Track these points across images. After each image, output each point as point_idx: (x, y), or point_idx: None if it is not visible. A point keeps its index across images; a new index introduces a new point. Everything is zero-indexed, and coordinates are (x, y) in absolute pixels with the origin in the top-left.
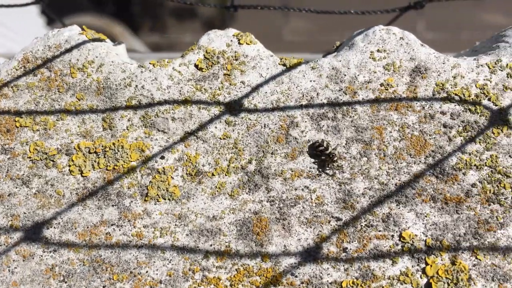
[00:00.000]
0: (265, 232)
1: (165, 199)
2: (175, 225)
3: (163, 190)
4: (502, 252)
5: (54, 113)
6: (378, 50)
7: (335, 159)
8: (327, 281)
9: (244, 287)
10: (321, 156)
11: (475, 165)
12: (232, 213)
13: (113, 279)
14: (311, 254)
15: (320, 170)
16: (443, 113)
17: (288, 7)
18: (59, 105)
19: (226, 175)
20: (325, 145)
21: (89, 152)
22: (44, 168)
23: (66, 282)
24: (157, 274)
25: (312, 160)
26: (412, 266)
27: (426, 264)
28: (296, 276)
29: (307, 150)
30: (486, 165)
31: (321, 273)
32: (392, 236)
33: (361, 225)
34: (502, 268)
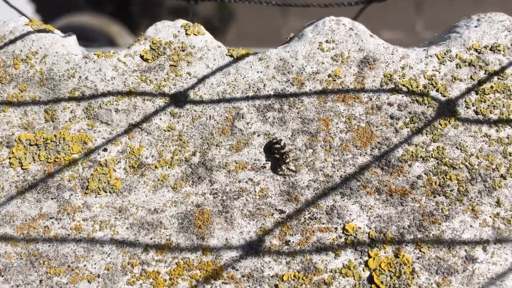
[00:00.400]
0: (207, 225)
1: (106, 192)
2: (115, 218)
3: (104, 182)
4: (446, 245)
5: None
6: (327, 41)
7: (287, 161)
8: (268, 274)
9: (184, 281)
10: (276, 154)
11: (421, 156)
12: (174, 206)
13: (50, 273)
14: (253, 247)
15: (273, 169)
16: (390, 104)
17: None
18: (1, 96)
19: (169, 167)
20: (282, 144)
21: (30, 144)
22: None
23: (2, 276)
24: (95, 268)
25: (260, 152)
26: (355, 259)
27: (369, 257)
28: (237, 270)
29: (264, 144)
30: (432, 157)
31: (262, 266)
32: (336, 228)
33: (305, 218)
34: (447, 261)
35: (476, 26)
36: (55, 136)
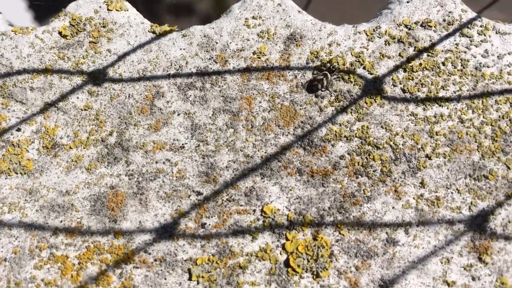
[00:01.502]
0: (120, 208)
1: (16, 173)
2: (25, 200)
3: (15, 163)
4: (367, 227)
5: None
6: (253, 17)
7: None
8: (182, 258)
9: (93, 265)
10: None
11: (345, 136)
12: (87, 187)
13: None
14: (167, 230)
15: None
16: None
17: None
18: None
19: (84, 148)
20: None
21: None
22: None
23: None
24: (2, 251)
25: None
26: (272, 242)
27: (287, 239)
28: (149, 253)
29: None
30: (356, 136)
31: (176, 249)
32: (254, 210)
33: (223, 200)
34: (367, 244)
35: (408, 2)
36: None
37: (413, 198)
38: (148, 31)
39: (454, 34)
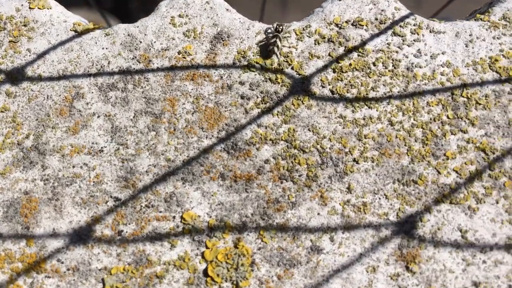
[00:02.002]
0: (34, 214)
1: None
2: None
3: None
4: (291, 234)
5: None
6: (180, 15)
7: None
8: (96, 267)
9: (4, 274)
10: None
11: (270, 139)
12: (0, 193)
13: None
14: (82, 238)
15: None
16: (241, 83)
17: None
18: None
19: None
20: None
21: None
22: None
23: None
24: None
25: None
26: (192, 250)
27: (206, 247)
28: (62, 262)
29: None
30: (282, 140)
31: (90, 258)
32: (174, 217)
33: (141, 206)
34: (290, 252)
35: (340, 0)
36: None
37: (339, 204)
38: (70, 30)
39: (386, 33)
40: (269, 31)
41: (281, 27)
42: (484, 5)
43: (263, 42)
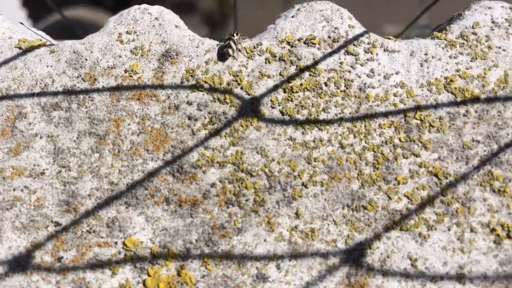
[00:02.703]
0: None
1: None
2: None
3: None
4: (236, 261)
5: None
6: (127, 32)
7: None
8: None
9: None
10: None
11: (217, 162)
12: None
13: None
14: (21, 264)
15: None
16: (189, 103)
17: None
18: None
19: None
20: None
21: None
22: None
23: None
24: None
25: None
26: (133, 278)
27: (148, 275)
28: None
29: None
30: (229, 162)
31: (29, 286)
32: (116, 243)
33: (83, 231)
34: (234, 280)
35: (293, 16)
36: None
37: (287, 230)
38: (15, 47)
39: (339, 52)
40: (225, 37)
41: (235, 32)
42: (444, 21)
43: (219, 47)
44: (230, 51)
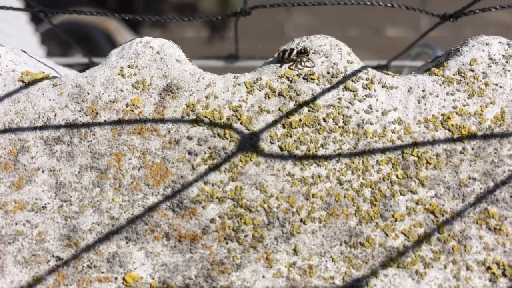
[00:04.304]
0: None
1: None
2: None
3: None
4: None
5: None
6: (129, 66)
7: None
8: None
9: None
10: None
11: (217, 197)
12: None
13: None
14: None
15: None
16: (189, 138)
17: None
18: None
19: None
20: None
21: None
22: None
23: None
24: None
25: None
26: None
27: None
28: None
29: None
30: (229, 198)
31: None
32: (116, 278)
33: (83, 266)
34: None
35: None
36: None
37: (285, 266)
38: (18, 80)
39: (338, 87)
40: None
41: (305, 49)
42: (442, 54)
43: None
44: (286, 54)
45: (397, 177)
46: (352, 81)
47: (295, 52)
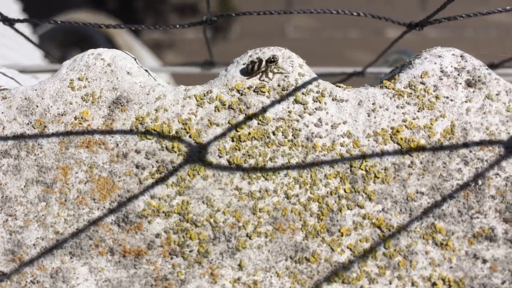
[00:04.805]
0: None
1: None
2: None
3: None
4: None
5: None
6: (79, 78)
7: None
8: None
9: None
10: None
11: (163, 212)
12: None
13: None
14: None
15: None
16: (137, 151)
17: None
18: None
19: None
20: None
21: None
22: None
23: None
24: None
25: None
26: None
27: None
28: None
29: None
30: (175, 212)
31: None
32: None
33: (27, 281)
34: None
35: (244, 64)
36: None
37: (230, 281)
38: None
39: (288, 100)
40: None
41: (274, 58)
42: (397, 67)
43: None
44: (256, 66)
45: (345, 191)
46: (303, 94)
47: (264, 62)
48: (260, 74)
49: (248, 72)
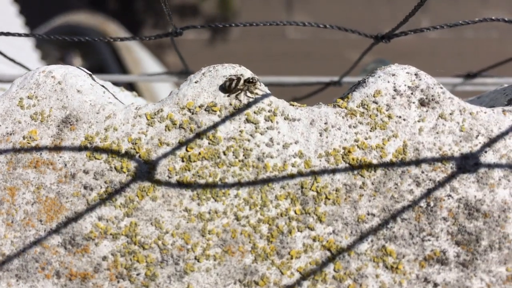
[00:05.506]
0: None
1: None
2: None
3: None
4: None
5: None
6: (29, 97)
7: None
8: None
9: None
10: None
11: (111, 234)
12: None
13: None
14: None
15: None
16: (86, 172)
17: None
18: None
19: None
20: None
21: None
22: None
23: None
24: None
25: None
26: None
27: None
28: None
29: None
30: (123, 234)
31: None
32: None
33: None
34: None
35: (196, 82)
36: None
37: None
38: None
39: (240, 119)
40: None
41: (253, 79)
42: (351, 87)
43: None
44: (233, 84)
45: (295, 212)
46: (255, 113)
47: (242, 81)
48: (238, 92)
49: (225, 88)
